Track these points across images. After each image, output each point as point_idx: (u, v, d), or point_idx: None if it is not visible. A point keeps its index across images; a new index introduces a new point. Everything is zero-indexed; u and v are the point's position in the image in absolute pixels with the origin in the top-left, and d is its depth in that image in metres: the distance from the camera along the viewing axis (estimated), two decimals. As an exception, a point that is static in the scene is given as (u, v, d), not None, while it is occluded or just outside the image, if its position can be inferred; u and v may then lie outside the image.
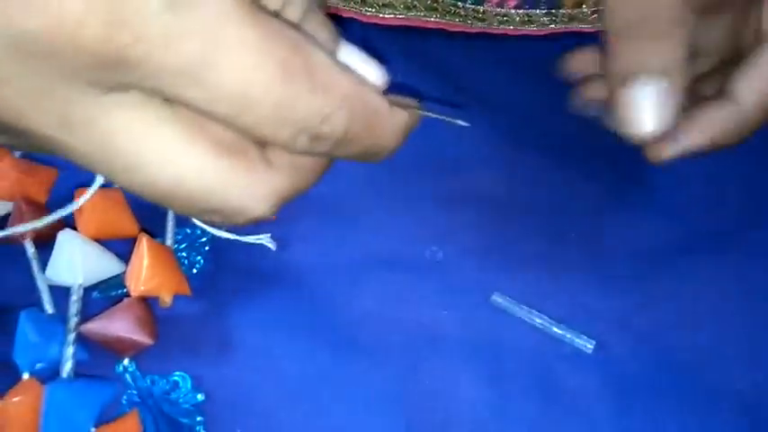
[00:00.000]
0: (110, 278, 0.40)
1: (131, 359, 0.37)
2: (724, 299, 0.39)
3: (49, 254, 0.39)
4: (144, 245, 0.37)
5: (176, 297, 0.38)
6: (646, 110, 0.30)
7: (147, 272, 0.37)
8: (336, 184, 0.45)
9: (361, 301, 0.40)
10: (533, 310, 0.38)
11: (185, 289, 0.38)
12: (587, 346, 0.37)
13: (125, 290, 0.38)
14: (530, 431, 0.35)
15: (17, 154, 0.44)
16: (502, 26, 0.53)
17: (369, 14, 0.53)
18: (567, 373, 0.36)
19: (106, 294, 0.39)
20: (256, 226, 0.42)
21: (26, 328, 0.35)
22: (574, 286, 0.40)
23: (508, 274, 0.40)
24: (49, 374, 0.35)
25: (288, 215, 0.43)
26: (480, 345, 0.38)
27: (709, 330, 0.38)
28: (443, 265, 0.41)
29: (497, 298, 0.39)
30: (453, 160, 0.46)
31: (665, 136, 0.30)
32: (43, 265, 0.39)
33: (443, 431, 0.35)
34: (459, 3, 0.54)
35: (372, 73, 0.23)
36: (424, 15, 0.53)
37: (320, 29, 0.23)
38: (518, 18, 0.54)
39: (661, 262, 0.41)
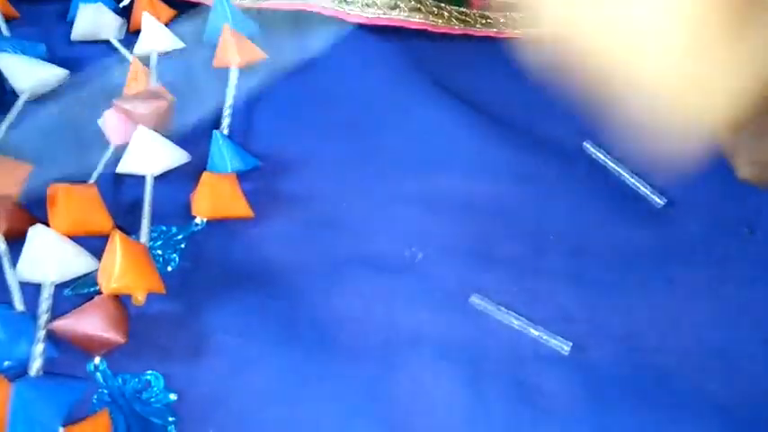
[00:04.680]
0: (82, 275, 0.39)
1: (102, 358, 0.36)
2: (699, 303, 0.39)
3: (20, 250, 0.38)
4: (117, 242, 0.36)
5: (150, 295, 0.37)
6: None
7: (119, 269, 0.36)
8: (315, 183, 0.45)
9: (338, 302, 0.39)
10: (512, 312, 0.38)
11: (159, 287, 0.37)
12: (564, 347, 0.37)
13: (97, 287, 0.37)
14: (506, 433, 0.35)
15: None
16: (484, 29, 0.53)
17: (352, 14, 0.53)
18: (544, 375, 0.36)
19: (78, 292, 0.38)
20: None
21: (-6, 326, 0.35)
22: (552, 288, 0.40)
23: (487, 275, 0.40)
24: (18, 372, 0.35)
25: (265, 214, 0.43)
26: (459, 346, 0.38)
27: (684, 333, 0.38)
28: (423, 266, 0.41)
29: (476, 299, 0.39)
30: (433, 161, 0.46)
31: None
32: (14, 261, 0.38)
33: (420, 433, 0.35)
34: (443, 4, 0.54)
35: None
36: (408, 16, 0.53)
37: None
38: (501, 21, 0.54)
39: (639, 265, 0.41)
